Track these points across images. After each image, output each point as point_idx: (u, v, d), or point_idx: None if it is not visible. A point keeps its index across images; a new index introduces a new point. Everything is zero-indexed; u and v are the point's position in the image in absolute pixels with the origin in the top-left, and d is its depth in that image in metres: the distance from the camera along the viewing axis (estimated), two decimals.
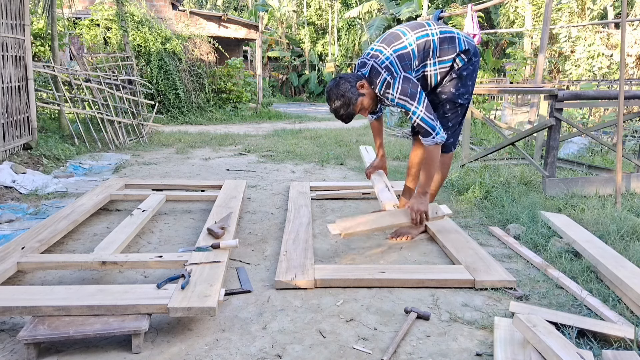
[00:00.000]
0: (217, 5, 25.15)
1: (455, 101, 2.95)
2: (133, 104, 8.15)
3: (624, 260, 2.48)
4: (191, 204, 3.96)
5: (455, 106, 2.98)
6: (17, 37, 5.45)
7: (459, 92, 2.93)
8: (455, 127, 3.07)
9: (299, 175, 5.22)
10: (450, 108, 2.98)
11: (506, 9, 15.66)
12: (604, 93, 4.45)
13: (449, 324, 2.05)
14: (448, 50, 2.83)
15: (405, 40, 2.80)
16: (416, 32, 2.83)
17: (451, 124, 3.02)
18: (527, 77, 11.03)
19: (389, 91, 2.73)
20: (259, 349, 1.85)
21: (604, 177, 4.23)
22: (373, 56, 2.82)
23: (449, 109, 2.98)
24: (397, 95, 2.71)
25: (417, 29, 2.85)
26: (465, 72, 2.90)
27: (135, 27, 10.27)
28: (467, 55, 2.87)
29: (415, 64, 2.80)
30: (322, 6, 24.71)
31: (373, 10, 21.71)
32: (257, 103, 13.01)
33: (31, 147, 5.69)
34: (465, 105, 3.02)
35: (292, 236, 2.99)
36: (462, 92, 2.94)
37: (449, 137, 3.03)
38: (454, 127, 3.06)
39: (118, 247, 2.62)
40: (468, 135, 5.37)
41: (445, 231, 3.11)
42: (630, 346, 1.80)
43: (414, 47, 2.78)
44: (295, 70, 23.95)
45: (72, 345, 1.86)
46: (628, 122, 6.80)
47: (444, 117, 3.00)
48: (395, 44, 2.79)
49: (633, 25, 11.00)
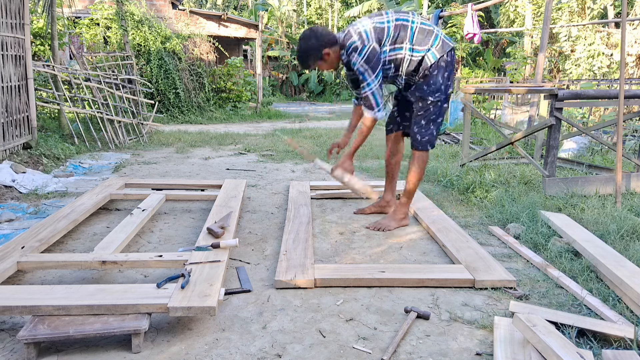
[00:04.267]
0: (217, 5, 25.13)
1: (425, 98, 3.06)
2: (133, 103, 8.15)
3: (624, 260, 2.48)
4: (191, 204, 3.96)
5: (426, 104, 3.08)
6: (17, 36, 5.45)
7: (430, 89, 3.04)
8: (428, 126, 3.12)
9: (299, 174, 5.22)
10: (422, 106, 3.10)
11: (506, 8, 15.66)
12: (604, 92, 4.45)
13: (448, 324, 2.05)
14: (423, 40, 3.00)
15: (385, 18, 3.02)
16: (398, 15, 3.04)
17: (424, 122, 3.12)
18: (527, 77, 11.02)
19: (354, 54, 2.94)
20: (259, 348, 1.85)
21: (604, 176, 4.23)
22: (353, 24, 3.08)
23: (420, 107, 3.11)
24: (360, 62, 2.92)
25: (400, 13, 3.06)
26: (435, 71, 3.02)
27: (135, 27, 10.26)
28: (439, 53, 3.00)
29: (388, 41, 2.98)
30: (322, 5, 24.69)
31: (373, 10, 21.68)
32: (257, 102, 13.01)
33: (31, 147, 5.69)
34: (438, 103, 3.08)
35: (292, 235, 2.99)
36: (433, 89, 3.04)
37: (422, 135, 3.13)
38: (428, 125, 3.12)
39: (118, 247, 2.62)
40: (468, 135, 5.37)
41: (446, 230, 3.11)
42: (630, 346, 1.80)
43: (390, 26, 2.98)
44: (295, 70, 23.91)
45: (72, 345, 1.86)
46: (628, 121, 6.80)
47: (417, 115, 3.13)
48: (377, 19, 3.02)
49: (633, 25, 11.00)
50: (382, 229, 3.29)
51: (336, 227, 3.36)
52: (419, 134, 3.14)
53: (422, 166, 3.23)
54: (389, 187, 3.68)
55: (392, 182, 3.66)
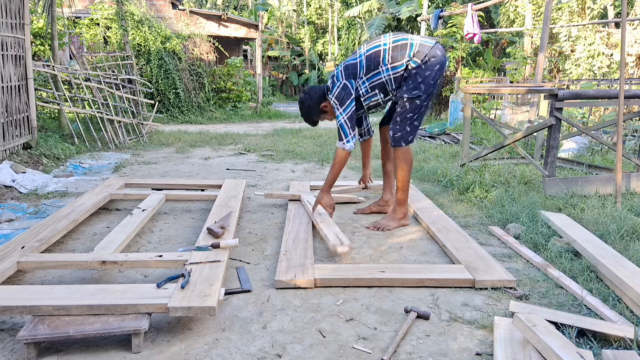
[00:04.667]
0: (217, 5, 25.13)
1: (402, 96, 3.15)
2: (133, 103, 8.15)
3: (624, 260, 2.48)
4: (191, 204, 3.96)
5: (403, 101, 3.16)
6: (17, 36, 5.45)
7: (408, 87, 3.12)
8: (403, 123, 3.18)
9: (299, 174, 5.22)
10: (399, 104, 3.20)
11: (506, 8, 15.65)
12: (604, 92, 4.44)
13: (449, 324, 2.05)
14: (399, 55, 3.10)
15: (357, 54, 3.23)
16: (370, 44, 3.22)
17: (399, 119, 3.21)
18: (527, 77, 11.02)
19: (329, 94, 3.24)
20: (259, 348, 1.85)
21: (604, 176, 4.23)
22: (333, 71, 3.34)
23: (398, 104, 3.20)
24: (332, 98, 3.20)
25: (373, 42, 3.22)
26: (414, 71, 3.09)
27: (135, 27, 10.26)
28: (419, 57, 3.07)
29: (363, 72, 3.17)
30: (322, 5, 24.68)
31: (373, 10, 21.69)
32: (257, 102, 13.01)
33: (31, 147, 5.69)
34: (415, 101, 3.12)
35: (292, 235, 2.99)
36: (411, 87, 3.11)
37: (395, 131, 3.22)
38: (402, 123, 3.19)
39: (118, 247, 2.62)
40: (468, 135, 5.37)
41: (446, 230, 3.11)
42: (630, 346, 1.80)
43: (362, 59, 3.18)
44: (295, 70, 23.93)
45: (72, 345, 1.86)
46: (628, 121, 6.80)
47: (395, 112, 3.24)
48: (351, 57, 3.28)
49: (633, 25, 11.00)
50: (382, 228, 3.30)
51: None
52: (392, 130, 3.24)
53: (404, 163, 3.25)
54: (387, 186, 3.68)
55: (389, 180, 3.66)
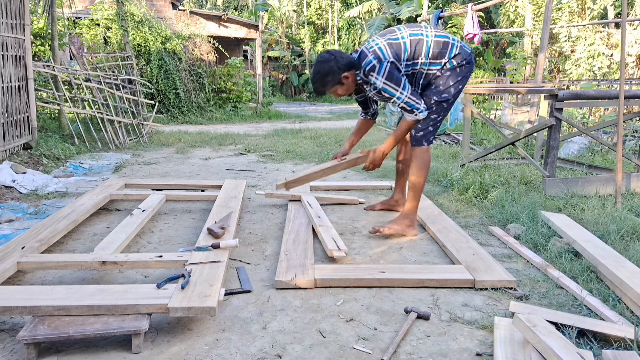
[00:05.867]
0: (217, 5, 25.13)
1: (430, 97, 3.02)
2: (133, 104, 8.15)
3: (624, 260, 2.48)
4: (191, 204, 3.96)
5: (430, 102, 3.02)
6: (17, 36, 5.45)
7: (438, 89, 3.01)
8: (426, 122, 3.05)
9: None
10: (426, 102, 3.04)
11: (506, 9, 15.66)
12: (604, 93, 4.45)
13: (449, 324, 2.05)
14: (440, 54, 2.95)
15: (399, 34, 2.96)
16: (411, 29, 2.98)
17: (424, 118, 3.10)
18: (527, 77, 11.02)
19: (372, 74, 2.86)
20: (259, 348, 1.85)
21: (604, 176, 4.23)
22: (365, 44, 3.02)
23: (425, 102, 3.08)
24: (382, 80, 2.86)
25: (413, 28, 3.00)
26: (448, 73, 2.99)
27: (135, 27, 10.26)
28: (457, 60, 2.97)
29: (404, 57, 2.92)
30: (322, 6, 24.68)
31: (373, 10, 21.71)
32: (257, 103, 13.01)
33: (31, 147, 5.69)
34: (442, 104, 3.03)
35: (292, 236, 2.99)
36: (441, 89, 3.00)
37: (417, 130, 3.09)
38: (425, 122, 3.05)
39: (118, 247, 2.62)
40: (468, 135, 5.37)
41: (446, 231, 3.11)
42: (630, 346, 1.80)
43: (406, 41, 2.92)
44: (296, 70, 23.92)
45: (72, 345, 1.86)
46: (628, 121, 6.80)
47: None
48: (389, 36, 2.96)
49: (633, 25, 11.00)
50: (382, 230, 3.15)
51: (336, 227, 3.35)
52: (414, 129, 3.08)
53: (421, 164, 3.09)
54: (398, 185, 3.65)
55: (401, 180, 3.62)
